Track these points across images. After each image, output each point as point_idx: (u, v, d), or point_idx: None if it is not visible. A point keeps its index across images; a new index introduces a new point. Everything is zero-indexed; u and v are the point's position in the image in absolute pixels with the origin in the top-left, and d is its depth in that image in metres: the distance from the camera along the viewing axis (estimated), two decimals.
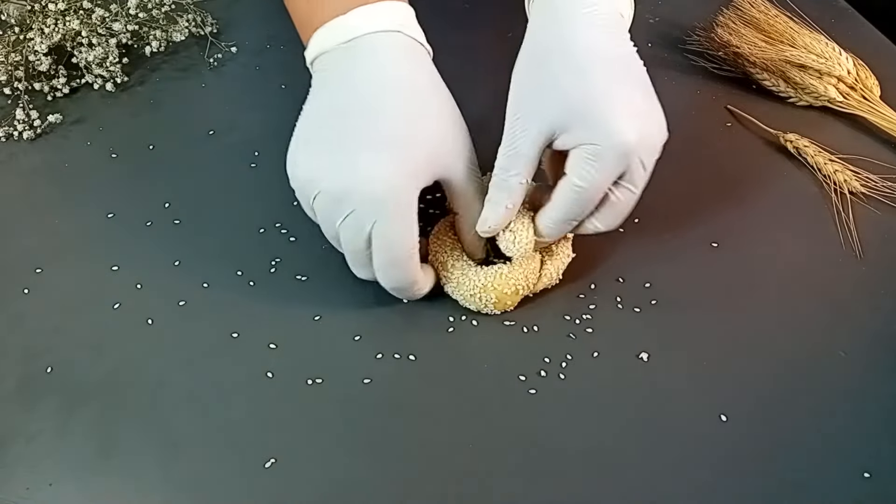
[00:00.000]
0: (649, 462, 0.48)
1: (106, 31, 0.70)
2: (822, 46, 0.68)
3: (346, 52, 0.52)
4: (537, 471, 0.48)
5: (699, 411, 0.50)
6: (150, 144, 0.66)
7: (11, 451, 0.49)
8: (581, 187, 0.50)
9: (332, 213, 0.50)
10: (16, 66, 0.68)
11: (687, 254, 0.58)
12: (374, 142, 0.49)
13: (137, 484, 0.47)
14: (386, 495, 0.47)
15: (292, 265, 0.57)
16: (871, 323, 0.55)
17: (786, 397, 0.51)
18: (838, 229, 0.60)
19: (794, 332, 0.54)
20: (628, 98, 0.50)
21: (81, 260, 0.58)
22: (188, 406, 0.50)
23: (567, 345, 0.53)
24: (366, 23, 0.51)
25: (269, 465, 0.48)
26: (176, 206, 0.61)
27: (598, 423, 0.50)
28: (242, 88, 0.71)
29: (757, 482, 0.47)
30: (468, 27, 0.76)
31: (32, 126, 0.66)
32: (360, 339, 0.54)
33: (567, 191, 0.50)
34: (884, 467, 0.48)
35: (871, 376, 0.52)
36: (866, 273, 0.58)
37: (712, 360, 0.53)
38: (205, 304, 0.55)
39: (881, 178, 0.62)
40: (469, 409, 0.50)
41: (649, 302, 0.55)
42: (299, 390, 0.51)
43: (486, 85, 0.65)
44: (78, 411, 0.50)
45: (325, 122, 0.51)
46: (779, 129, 0.66)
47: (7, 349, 0.53)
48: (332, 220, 0.50)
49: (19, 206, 0.62)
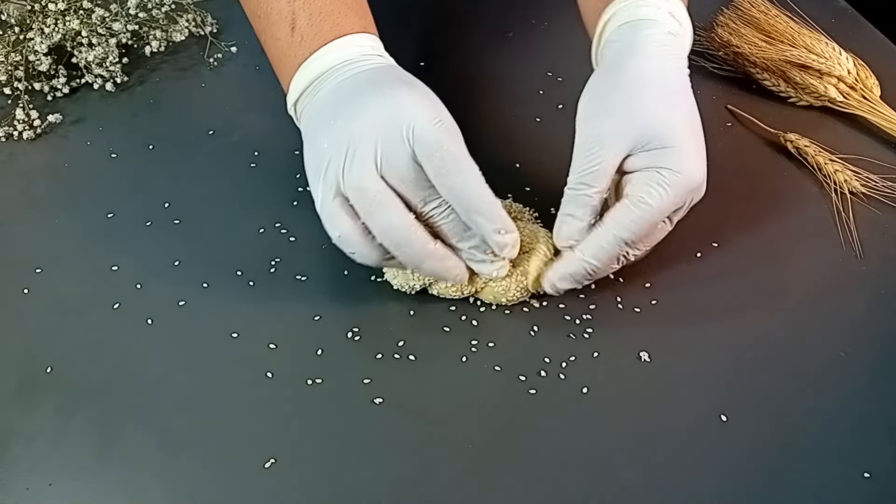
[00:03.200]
0: (649, 462, 0.48)
1: (106, 31, 0.70)
2: (823, 46, 0.68)
3: (321, 84, 0.53)
4: (537, 471, 0.48)
5: (699, 411, 0.50)
6: (150, 144, 0.66)
7: (11, 451, 0.49)
8: (649, 206, 0.50)
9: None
10: (16, 66, 0.68)
11: (687, 254, 0.58)
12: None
13: (137, 484, 0.47)
14: (386, 495, 0.47)
15: (292, 265, 0.57)
16: (871, 323, 0.55)
17: (786, 397, 0.51)
18: (838, 229, 0.60)
19: (794, 332, 0.54)
20: (699, 137, 0.52)
21: (81, 260, 0.58)
22: (188, 406, 0.50)
23: (567, 345, 0.53)
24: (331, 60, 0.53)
25: (269, 465, 0.48)
26: (176, 206, 0.61)
27: (598, 423, 0.50)
28: (242, 88, 0.71)
29: (757, 482, 0.47)
30: (468, 27, 0.76)
31: (32, 126, 0.66)
32: (360, 340, 0.54)
33: (631, 208, 0.50)
34: (884, 467, 0.48)
35: (871, 376, 0.52)
36: (866, 273, 0.58)
37: (712, 360, 0.53)
38: (205, 304, 0.55)
39: (881, 178, 0.62)
40: (469, 409, 0.50)
41: (649, 302, 0.55)
42: (299, 390, 0.51)
43: (486, 85, 0.66)
44: (78, 411, 0.50)
45: (328, 119, 0.51)
46: (779, 129, 0.66)
47: (7, 349, 0.53)
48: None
49: (19, 206, 0.62)
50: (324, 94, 0.52)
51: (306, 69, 0.53)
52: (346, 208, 0.50)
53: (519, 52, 0.73)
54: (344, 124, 0.50)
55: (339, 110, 0.51)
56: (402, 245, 0.50)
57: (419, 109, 0.50)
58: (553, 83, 0.70)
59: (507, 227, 0.50)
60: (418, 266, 0.52)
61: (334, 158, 0.50)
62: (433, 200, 0.50)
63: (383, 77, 0.52)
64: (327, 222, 0.51)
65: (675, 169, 0.50)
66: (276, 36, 0.55)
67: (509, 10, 0.77)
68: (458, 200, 0.49)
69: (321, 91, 0.53)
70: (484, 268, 0.52)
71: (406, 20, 0.76)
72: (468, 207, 0.49)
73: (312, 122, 0.53)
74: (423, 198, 0.50)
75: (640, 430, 0.49)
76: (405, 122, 0.49)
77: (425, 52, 0.72)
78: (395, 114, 0.49)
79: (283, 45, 0.55)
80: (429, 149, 0.49)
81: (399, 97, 0.50)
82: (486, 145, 0.53)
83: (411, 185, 0.49)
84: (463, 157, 0.49)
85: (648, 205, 0.50)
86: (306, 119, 0.54)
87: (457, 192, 0.49)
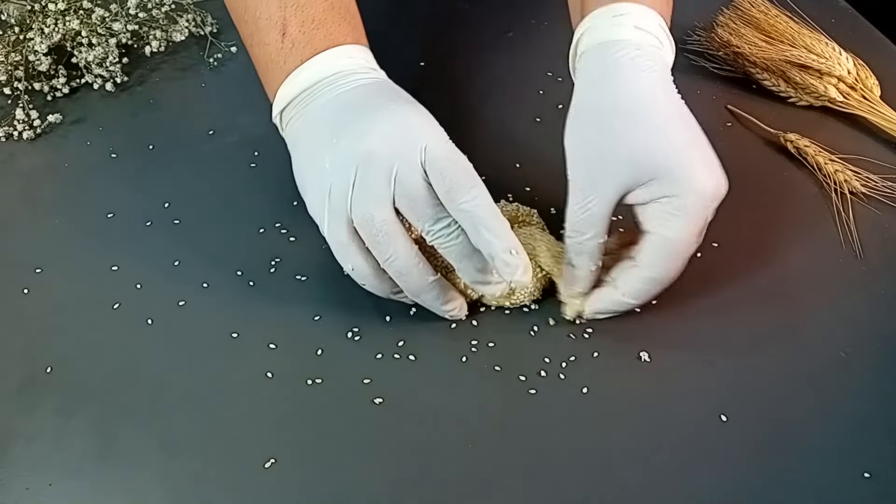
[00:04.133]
0: (649, 462, 0.48)
1: (106, 31, 0.70)
2: (823, 46, 0.68)
3: (312, 95, 0.52)
4: (537, 471, 0.48)
5: (699, 411, 0.50)
6: (150, 144, 0.66)
7: (11, 451, 0.49)
8: (671, 239, 0.49)
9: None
10: (16, 66, 0.68)
11: None
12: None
13: (137, 484, 0.47)
14: (386, 495, 0.47)
15: (292, 265, 0.57)
16: (871, 323, 0.55)
17: (786, 397, 0.51)
18: (838, 229, 0.60)
19: (794, 332, 0.54)
20: (698, 146, 0.50)
21: (81, 260, 0.58)
22: (188, 406, 0.50)
23: (567, 345, 0.53)
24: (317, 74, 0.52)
25: (269, 465, 0.48)
26: (176, 206, 0.61)
27: (598, 423, 0.50)
28: (242, 88, 0.71)
29: (757, 482, 0.47)
30: (468, 27, 0.76)
31: (32, 126, 0.66)
32: (360, 339, 0.54)
33: (657, 246, 0.50)
34: (884, 467, 0.48)
35: (871, 376, 0.52)
36: (866, 273, 0.58)
37: (712, 360, 0.53)
38: (205, 304, 0.55)
39: (881, 178, 0.62)
40: (469, 409, 0.50)
41: (649, 302, 0.55)
42: (299, 390, 0.51)
43: (486, 85, 0.66)
44: (78, 411, 0.50)
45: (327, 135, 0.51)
46: (779, 129, 0.66)
47: (7, 349, 0.53)
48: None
49: (19, 206, 0.62)
50: (317, 107, 0.52)
51: (296, 78, 0.52)
52: (356, 241, 0.50)
53: (519, 52, 0.73)
54: (349, 144, 0.49)
55: (340, 129, 0.50)
56: (404, 274, 0.50)
57: (428, 128, 0.49)
58: (553, 83, 0.70)
59: (516, 247, 0.49)
60: (418, 296, 0.52)
61: (339, 181, 0.49)
62: (442, 220, 0.49)
63: (383, 94, 0.52)
64: (339, 254, 0.51)
65: (680, 193, 0.49)
66: (265, 41, 0.54)
67: (509, 10, 0.77)
68: (469, 217, 0.48)
69: (314, 103, 0.52)
70: (487, 289, 0.52)
71: (406, 20, 0.76)
72: (479, 224, 0.48)
73: (306, 136, 0.52)
74: (430, 217, 0.49)
75: (640, 430, 0.49)
76: (419, 141, 0.48)
77: (425, 52, 0.72)
78: (408, 134, 0.49)
79: (272, 51, 0.54)
80: (441, 165, 0.48)
81: (407, 117, 0.50)
82: (486, 145, 0.54)
83: (420, 204, 0.48)
84: (473, 172, 0.49)
85: (670, 239, 0.49)
86: (295, 130, 0.53)
87: (468, 208, 0.48)
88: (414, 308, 0.54)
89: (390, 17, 0.75)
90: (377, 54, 0.55)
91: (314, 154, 0.51)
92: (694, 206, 0.49)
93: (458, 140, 0.50)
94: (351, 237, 0.50)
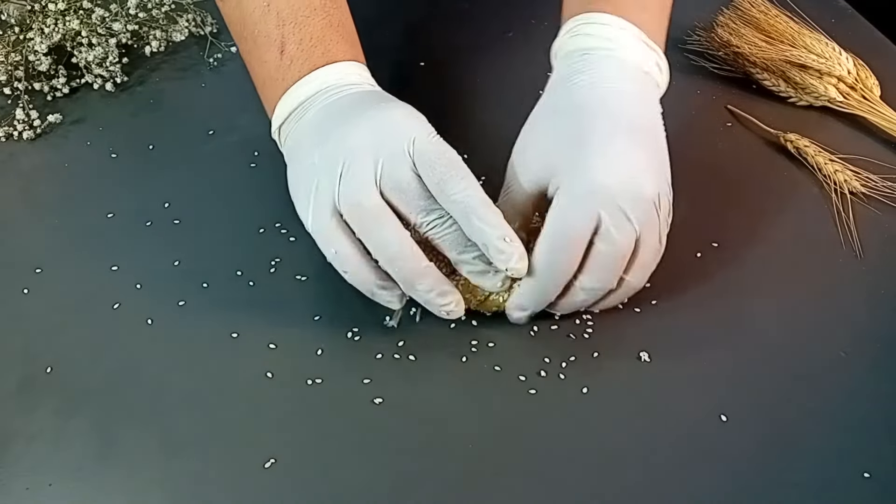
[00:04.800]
0: (649, 462, 0.48)
1: (106, 31, 0.70)
2: (823, 46, 0.68)
3: (307, 107, 0.53)
4: (537, 471, 0.48)
5: (699, 411, 0.50)
6: (150, 144, 0.66)
7: (11, 451, 0.49)
8: (551, 233, 0.49)
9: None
10: (16, 66, 0.68)
11: (687, 254, 0.58)
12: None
13: (137, 484, 0.47)
14: (386, 495, 0.47)
15: (292, 265, 0.57)
16: (871, 323, 0.55)
17: (786, 397, 0.51)
18: (838, 229, 0.60)
19: (794, 332, 0.54)
20: (615, 146, 0.50)
21: (81, 260, 0.58)
22: (188, 406, 0.50)
23: (567, 345, 0.53)
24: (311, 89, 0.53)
25: (269, 465, 0.48)
26: (176, 206, 0.61)
27: (598, 423, 0.50)
28: (242, 88, 0.70)
29: (757, 482, 0.47)
30: (468, 27, 0.76)
31: (32, 126, 0.66)
32: (359, 340, 0.54)
33: (542, 238, 0.50)
34: (884, 467, 0.48)
35: (871, 376, 0.52)
36: (866, 273, 0.58)
37: (712, 360, 0.53)
38: (205, 304, 0.55)
39: (881, 178, 0.62)
40: (469, 409, 0.50)
41: (649, 302, 0.55)
42: (299, 390, 0.51)
43: (487, 85, 0.66)
44: (78, 411, 0.50)
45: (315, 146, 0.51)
46: (779, 129, 0.66)
47: (7, 349, 0.53)
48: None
49: (19, 206, 0.62)
50: (310, 116, 0.52)
51: (294, 93, 0.53)
52: (342, 226, 0.50)
53: (519, 52, 0.73)
54: (337, 142, 0.50)
55: (329, 130, 0.51)
56: (396, 260, 0.49)
57: (416, 123, 0.50)
58: None
59: (510, 234, 0.49)
60: (413, 286, 0.50)
61: (326, 175, 0.49)
62: (433, 212, 0.49)
63: (371, 98, 0.53)
64: (322, 241, 0.51)
65: (572, 185, 0.49)
66: (264, 59, 0.55)
67: (509, 10, 0.77)
68: (461, 207, 0.48)
69: (307, 114, 0.52)
70: (486, 280, 0.51)
71: (406, 20, 0.76)
72: (470, 214, 0.48)
73: (299, 144, 0.53)
74: (423, 209, 0.49)
75: (640, 430, 0.49)
76: (405, 134, 0.49)
77: (425, 53, 0.72)
78: (394, 128, 0.49)
79: (271, 69, 0.55)
80: (430, 157, 0.49)
81: (393, 113, 0.50)
82: (486, 145, 0.54)
83: (411, 196, 0.49)
84: (463, 164, 0.49)
85: (548, 231, 0.49)
86: (292, 142, 0.53)
87: (459, 199, 0.48)
88: (414, 308, 0.54)
89: (391, 17, 0.75)
90: (376, 54, 0.55)
91: (304, 157, 0.51)
92: (579, 198, 0.49)
93: (457, 140, 0.51)
94: (336, 222, 0.49)
